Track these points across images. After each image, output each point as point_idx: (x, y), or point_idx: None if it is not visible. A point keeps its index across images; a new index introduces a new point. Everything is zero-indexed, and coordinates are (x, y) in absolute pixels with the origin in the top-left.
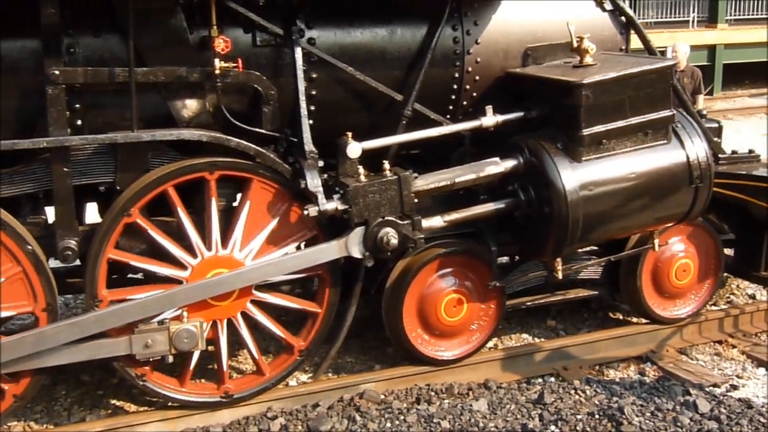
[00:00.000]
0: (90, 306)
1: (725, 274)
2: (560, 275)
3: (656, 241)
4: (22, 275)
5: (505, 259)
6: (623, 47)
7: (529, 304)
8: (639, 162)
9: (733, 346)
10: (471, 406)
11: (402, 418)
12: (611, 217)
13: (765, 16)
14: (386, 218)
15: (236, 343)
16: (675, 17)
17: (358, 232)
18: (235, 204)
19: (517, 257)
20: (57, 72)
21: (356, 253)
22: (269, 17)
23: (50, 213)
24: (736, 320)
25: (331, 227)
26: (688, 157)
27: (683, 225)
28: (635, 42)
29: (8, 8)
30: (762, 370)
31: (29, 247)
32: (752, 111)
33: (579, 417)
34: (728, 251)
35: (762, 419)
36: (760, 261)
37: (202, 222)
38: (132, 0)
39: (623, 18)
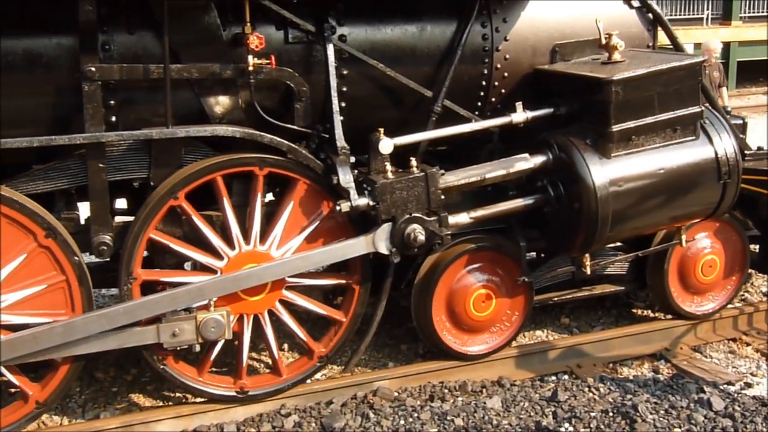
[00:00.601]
0: (125, 282)
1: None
2: (588, 271)
3: (683, 237)
4: (65, 285)
5: (531, 254)
6: (650, 44)
7: (556, 299)
8: (668, 158)
9: (748, 344)
10: (485, 403)
11: (416, 415)
12: (640, 213)
13: None
14: (413, 215)
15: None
16: (689, 14)
17: (385, 228)
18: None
19: (542, 253)
20: (93, 68)
21: (383, 249)
22: (301, 14)
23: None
24: (751, 318)
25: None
26: (716, 153)
27: (710, 221)
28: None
29: (42, 6)
30: None
31: (76, 258)
32: (766, 109)
33: (593, 415)
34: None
35: None
36: None
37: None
38: None
39: (650, 15)
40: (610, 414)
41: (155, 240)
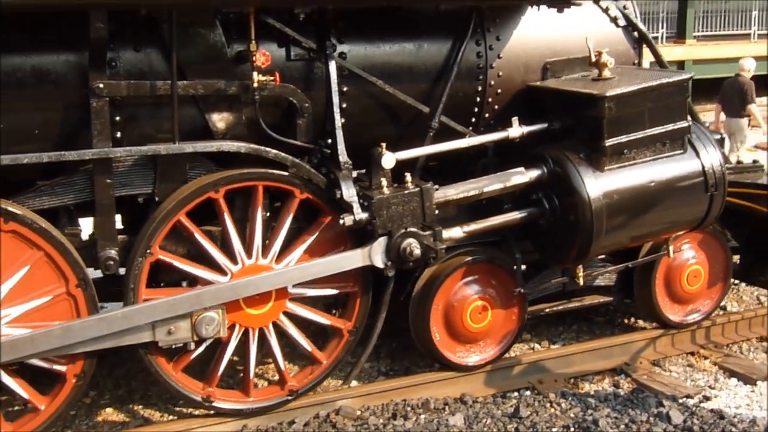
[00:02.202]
0: (141, 254)
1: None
2: (581, 281)
3: (671, 248)
4: None
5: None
6: (636, 62)
7: (548, 310)
8: (658, 171)
9: (705, 358)
10: (447, 420)
11: None
12: (632, 224)
13: (732, 33)
14: (409, 229)
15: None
16: None
17: (381, 242)
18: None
19: (534, 266)
20: (102, 85)
21: (378, 262)
22: (303, 32)
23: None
24: (708, 332)
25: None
26: (703, 166)
27: (695, 232)
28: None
29: (50, 23)
30: (734, 381)
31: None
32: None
33: (554, 430)
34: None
35: (734, 429)
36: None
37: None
38: (175, 17)
39: (636, 34)
40: (572, 429)
41: (182, 224)
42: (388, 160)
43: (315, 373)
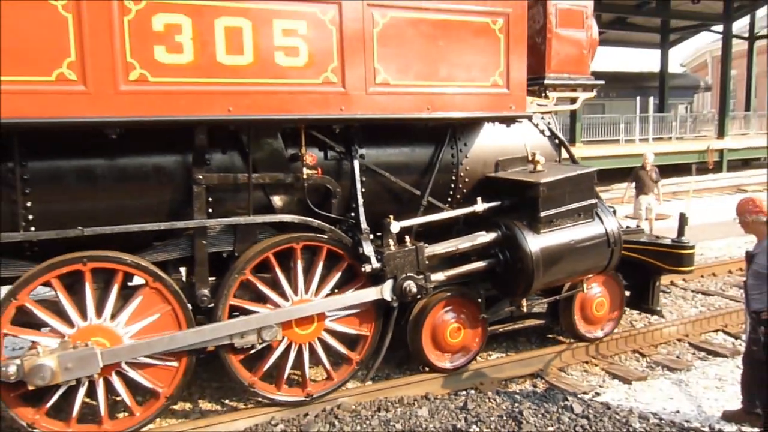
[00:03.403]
0: (238, 272)
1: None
2: (525, 309)
3: (585, 285)
4: (173, 371)
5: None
6: (557, 159)
7: (501, 330)
8: (576, 233)
9: (596, 365)
10: (416, 412)
11: (368, 422)
12: (559, 269)
13: (606, 138)
14: (408, 274)
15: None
16: None
17: (389, 283)
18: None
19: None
20: (201, 176)
21: (387, 296)
22: (336, 141)
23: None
24: (597, 347)
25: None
26: (606, 230)
27: (601, 275)
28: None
29: (164, 135)
30: (616, 381)
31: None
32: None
33: (492, 419)
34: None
35: (617, 416)
36: (648, 298)
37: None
38: (252, 131)
39: (557, 140)
40: (504, 418)
41: (269, 259)
42: (394, 227)
43: (327, 385)
